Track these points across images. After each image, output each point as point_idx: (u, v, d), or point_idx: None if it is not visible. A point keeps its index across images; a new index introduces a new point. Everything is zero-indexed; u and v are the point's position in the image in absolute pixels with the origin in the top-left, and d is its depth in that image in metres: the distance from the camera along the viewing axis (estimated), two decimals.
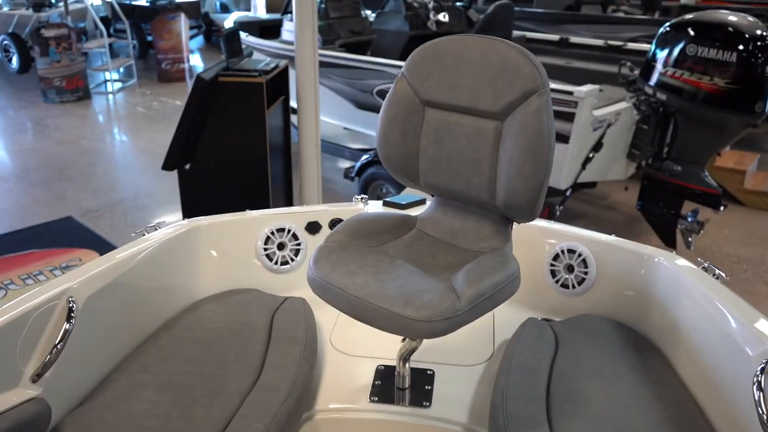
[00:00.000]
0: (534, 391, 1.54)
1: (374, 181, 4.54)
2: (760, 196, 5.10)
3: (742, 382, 1.40)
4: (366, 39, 5.35)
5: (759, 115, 3.57)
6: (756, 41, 3.50)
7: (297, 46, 3.62)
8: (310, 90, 3.66)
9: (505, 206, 1.50)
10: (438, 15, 5.67)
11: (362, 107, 4.75)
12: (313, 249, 2.15)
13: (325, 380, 1.74)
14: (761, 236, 4.66)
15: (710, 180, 3.94)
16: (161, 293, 1.85)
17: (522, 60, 1.43)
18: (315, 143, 3.78)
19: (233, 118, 3.55)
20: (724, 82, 3.55)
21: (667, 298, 1.76)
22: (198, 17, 11.10)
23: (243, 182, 3.70)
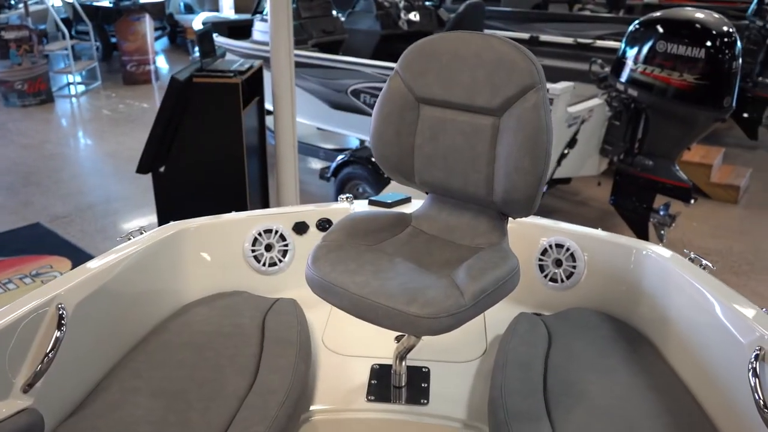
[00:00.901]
0: (531, 386, 1.56)
1: (351, 181, 4.52)
2: (726, 189, 5.23)
3: (735, 369, 1.43)
4: (338, 39, 5.33)
5: (727, 109, 3.66)
6: (723, 38, 3.58)
7: (272, 46, 3.59)
8: (287, 90, 3.64)
9: (504, 202, 1.50)
10: (409, 14, 5.68)
11: (337, 107, 4.74)
12: (300, 249, 2.13)
13: (321, 381, 1.73)
14: (728, 228, 4.78)
15: (681, 174, 4.02)
16: (149, 297, 1.82)
17: (518, 56, 1.44)
18: (292, 144, 3.75)
19: (208, 120, 3.50)
20: (693, 78, 3.63)
21: (656, 289, 1.79)
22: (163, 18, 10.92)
23: (219, 184, 3.65)
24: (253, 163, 3.91)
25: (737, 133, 6.80)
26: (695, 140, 3.96)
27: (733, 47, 3.59)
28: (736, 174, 5.40)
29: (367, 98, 4.50)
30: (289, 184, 3.85)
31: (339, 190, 4.62)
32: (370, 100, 4.49)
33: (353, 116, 4.65)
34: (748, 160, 6.21)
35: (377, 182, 4.30)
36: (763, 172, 5.90)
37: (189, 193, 3.67)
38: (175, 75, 3.35)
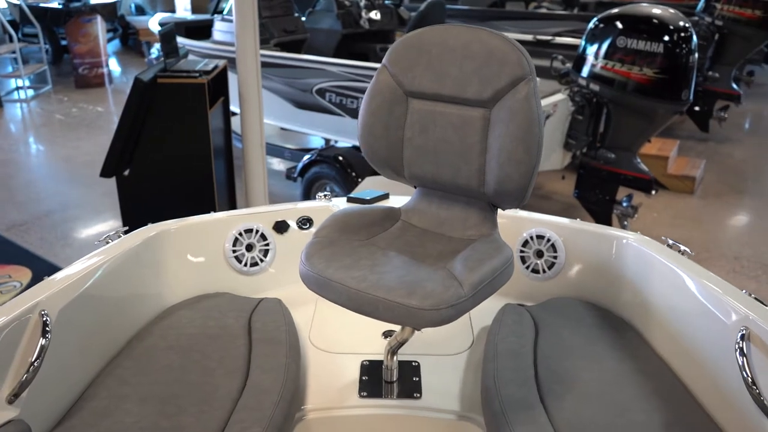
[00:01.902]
0: (523, 375, 1.58)
1: (318, 181, 4.50)
2: (683, 180, 5.39)
3: (721, 350, 1.47)
4: (300, 38, 5.29)
5: (685, 102, 3.78)
6: (680, 32, 3.69)
7: (238, 46, 3.54)
8: (253, 90, 3.60)
9: (496, 193, 1.52)
10: (370, 13, 5.68)
11: (301, 107, 4.71)
12: (282, 249, 2.11)
13: (311, 379, 1.72)
14: (686, 217, 4.93)
15: (642, 166, 4.13)
16: (131, 301, 1.77)
17: (508, 47, 1.45)
18: (260, 144, 3.71)
19: (174, 121, 3.43)
20: (653, 71, 3.74)
21: (637, 276, 1.83)
22: (114, 20, 10.66)
23: (186, 187, 3.58)
24: (220, 164, 3.86)
25: (690, 126, 7.02)
26: (655, 132, 4.07)
27: (690, 41, 3.71)
28: (691, 165, 5.58)
29: (332, 97, 4.49)
30: (257, 185, 3.81)
31: (306, 190, 4.59)
32: (335, 99, 4.48)
33: (318, 115, 4.62)
34: (700, 152, 6.41)
35: (345, 181, 4.29)
36: (715, 164, 6.11)
37: (155, 196, 3.59)
38: (139, 75, 3.27)
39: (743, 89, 6.70)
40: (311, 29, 5.53)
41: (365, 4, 5.66)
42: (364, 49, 5.68)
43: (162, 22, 5.87)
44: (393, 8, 5.91)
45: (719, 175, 5.81)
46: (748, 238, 4.56)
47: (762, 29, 6.04)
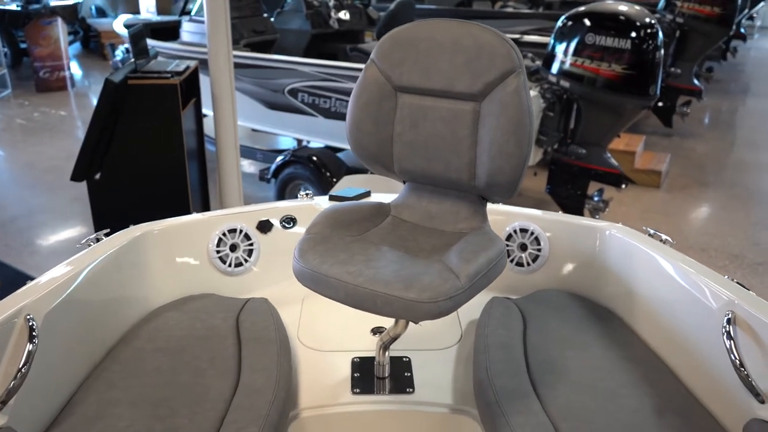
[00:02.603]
0: (515, 366, 1.59)
1: (292, 182, 4.48)
2: (649, 174, 5.51)
3: (707, 334, 1.51)
4: (270, 39, 5.26)
5: (652, 97, 3.86)
6: (646, 29, 3.78)
7: (210, 47, 3.50)
8: (227, 91, 3.56)
9: (487, 185, 1.53)
10: (339, 13, 5.67)
11: (273, 107, 4.67)
12: (266, 248, 2.09)
13: (303, 378, 1.71)
14: (654, 210, 5.04)
15: (612, 160, 4.21)
16: (116, 304, 1.74)
17: (497, 41, 1.47)
18: (234, 146, 3.67)
19: (146, 123, 3.38)
20: (621, 68, 3.81)
21: (621, 266, 1.87)
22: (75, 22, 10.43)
23: (160, 189, 3.53)
24: (193, 166, 3.81)
25: (654, 121, 7.18)
26: (624, 127, 4.15)
27: (656, 38, 3.79)
28: (657, 160, 5.70)
29: (304, 97, 4.47)
30: (232, 187, 3.77)
31: (280, 191, 4.56)
32: (308, 99, 4.46)
33: (291, 116, 4.60)
34: (665, 147, 6.56)
35: (320, 181, 4.28)
36: (679, 158, 6.26)
37: (127, 200, 3.53)
38: (110, 77, 3.22)
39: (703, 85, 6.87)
40: (280, 30, 5.50)
41: (334, 4, 5.65)
42: (333, 49, 5.67)
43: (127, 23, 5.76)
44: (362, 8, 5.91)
45: (684, 169, 5.96)
46: (714, 229, 4.68)
47: (720, 26, 6.21)
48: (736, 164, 6.12)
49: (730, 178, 5.75)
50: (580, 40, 3.92)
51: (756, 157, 6.34)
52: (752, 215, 4.95)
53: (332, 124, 4.42)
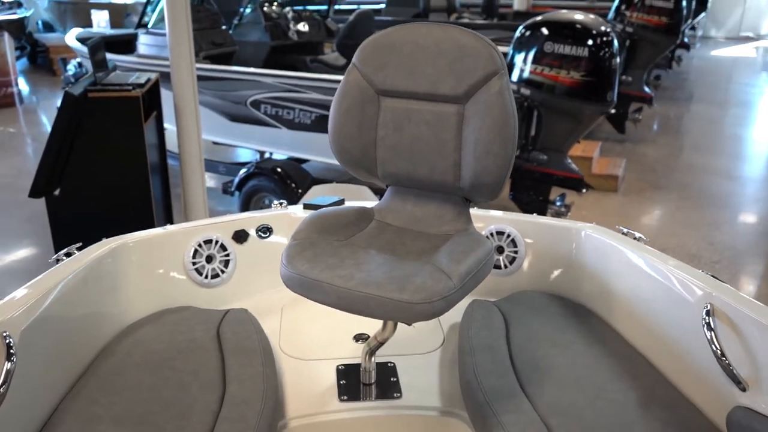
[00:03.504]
0: (501, 366, 1.61)
1: (257, 194, 4.43)
2: (606, 179, 5.65)
3: (686, 327, 1.55)
4: (229, 51, 5.21)
5: (610, 103, 3.97)
6: (602, 37, 3.89)
7: (172, 58, 3.45)
8: (190, 103, 3.51)
9: (472, 186, 1.54)
10: (297, 25, 5.66)
11: (236, 119, 4.63)
12: (243, 258, 2.06)
13: (288, 388, 1.69)
14: (613, 214, 5.16)
15: (573, 166, 4.30)
16: (91, 319, 1.69)
17: (479, 43, 1.49)
18: (198, 158, 3.62)
19: (107, 136, 3.30)
20: (580, 75, 3.91)
21: (598, 265, 1.91)
22: (22, 37, 10.14)
23: (122, 204, 3.45)
24: (156, 180, 3.74)
25: (607, 128, 7.37)
26: (584, 133, 4.25)
27: (612, 45, 3.91)
28: (613, 165, 5.85)
29: (267, 109, 4.44)
30: (196, 201, 3.71)
31: (244, 204, 4.51)
32: (271, 111, 4.43)
33: (254, 128, 4.56)
34: (620, 152, 6.74)
35: (285, 193, 4.24)
36: (633, 163, 6.44)
37: (88, 216, 3.43)
38: (69, 90, 3.14)
39: (652, 92, 7.10)
40: (239, 42, 5.46)
41: (293, 16, 5.64)
42: (293, 60, 5.66)
43: (80, 36, 5.64)
44: (320, 20, 5.92)
45: (638, 173, 6.13)
46: (671, 230, 4.83)
47: (668, 35, 6.43)
48: (686, 168, 6.33)
49: (681, 180, 5.94)
50: (539, 49, 4.01)
51: (703, 160, 6.57)
52: (705, 216, 5.12)
53: (296, 136, 4.40)
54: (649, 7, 6.28)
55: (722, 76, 11.38)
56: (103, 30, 6.40)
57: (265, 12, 5.52)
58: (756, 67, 12.35)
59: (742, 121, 8.16)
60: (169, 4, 3.35)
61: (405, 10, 7.96)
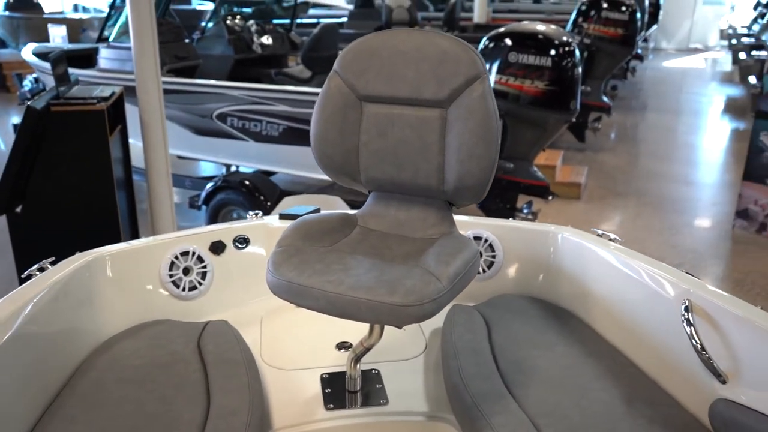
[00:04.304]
0: (487, 368, 1.62)
1: (224, 208, 4.39)
2: (570, 187, 5.76)
3: (665, 324, 1.59)
4: (193, 64, 5.16)
5: (574, 111, 4.06)
6: (564, 47, 3.98)
7: (138, 72, 3.41)
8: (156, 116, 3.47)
9: (456, 190, 1.56)
10: (261, 38, 5.65)
11: (201, 133, 4.58)
12: (220, 270, 2.04)
13: (273, 398, 1.67)
14: (578, 220, 5.26)
15: (539, 173, 4.37)
16: (67, 335, 1.64)
17: (460, 48, 1.51)
18: (166, 171, 3.57)
19: (72, 151, 3.23)
20: (543, 84, 3.99)
21: (575, 267, 1.94)
22: None
23: (88, 220, 3.37)
24: (122, 196, 3.66)
25: (568, 137, 7.53)
26: (549, 141, 4.33)
27: (573, 55, 4.00)
28: (575, 173, 5.97)
29: (234, 121, 4.40)
30: (164, 215, 3.65)
31: (212, 218, 4.45)
32: (238, 124, 4.40)
33: (220, 141, 4.52)
34: (581, 160, 6.89)
35: (253, 206, 4.21)
36: (594, 170, 6.58)
37: (53, 233, 3.34)
38: (31, 104, 3.06)
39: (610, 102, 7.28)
40: (203, 55, 5.41)
41: (256, 29, 5.62)
42: (257, 74, 5.63)
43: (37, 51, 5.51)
44: (284, 33, 5.91)
45: (599, 181, 6.26)
46: (634, 235, 4.94)
47: (624, 46, 6.62)
48: (644, 174, 6.50)
49: (641, 187, 6.10)
50: (503, 59, 4.08)
51: (660, 167, 6.76)
52: (665, 221, 5.26)
53: (264, 148, 4.37)
54: (606, 19, 6.46)
55: (674, 86, 11.75)
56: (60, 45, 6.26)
57: (228, 25, 5.49)
58: (705, 77, 12.79)
59: (694, 129, 8.43)
60: (134, 17, 3.31)
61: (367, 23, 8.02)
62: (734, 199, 5.63)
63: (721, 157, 7.16)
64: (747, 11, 16.23)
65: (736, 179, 6.25)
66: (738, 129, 8.45)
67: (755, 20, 13.49)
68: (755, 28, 12.90)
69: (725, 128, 8.50)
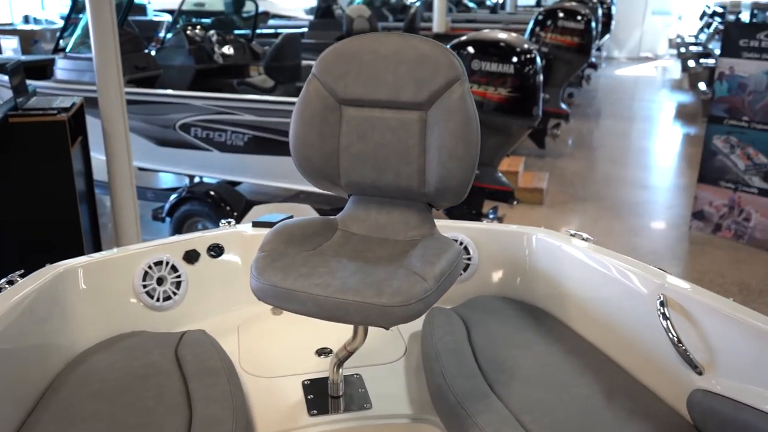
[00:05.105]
0: (469, 369, 1.63)
1: (189, 219, 4.32)
2: (533, 192, 5.85)
3: (641, 319, 1.63)
4: (153, 74, 5.08)
5: (536, 117, 4.14)
6: (525, 54, 4.05)
7: (99, 82, 3.34)
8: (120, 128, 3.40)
9: (437, 191, 1.57)
10: (222, 48, 5.60)
11: (164, 144, 4.51)
12: (195, 279, 2.01)
13: (255, 407, 1.64)
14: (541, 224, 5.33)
15: (504, 179, 4.44)
16: (39, 350, 1.59)
17: (439, 51, 1.53)
18: (130, 183, 3.50)
19: (31, 164, 3.14)
20: (506, 91, 4.06)
21: (550, 267, 1.97)
22: None
23: (49, 235, 3.28)
24: (84, 209, 3.57)
25: (528, 143, 7.66)
26: (513, 147, 4.40)
27: (535, 63, 4.08)
28: (537, 178, 6.08)
29: (198, 132, 4.35)
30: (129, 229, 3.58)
31: (176, 230, 4.38)
32: (201, 134, 4.34)
33: (183, 152, 4.46)
34: (541, 167, 7.01)
35: (219, 217, 4.16)
36: (555, 176, 6.70)
37: (11, 249, 3.24)
38: None
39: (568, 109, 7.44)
40: (163, 66, 5.34)
41: (217, 39, 5.57)
42: (219, 84, 5.58)
43: None
44: (245, 43, 5.88)
45: (560, 186, 6.38)
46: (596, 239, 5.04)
47: (580, 54, 6.78)
48: (603, 179, 6.65)
49: (600, 192, 6.24)
50: (468, 67, 4.13)
51: (618, 172, 6.93)
52: (625, 224, 5.39)
53: (228, 158, 4.33)
54: (562, 28, 6.61)
55: (627, 93, 12.08)
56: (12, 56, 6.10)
57: (188, 35, 5.43)
58: (656, 84, 13.19)
59: (647, 135, 8.67)
60: (96, 27, 3.25)
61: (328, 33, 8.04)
62: (689, 201, 5.81)
63: (674, 162, 7.38)
64: (694, 21, 16.84)
65: (690, 182, 6.45)
66: (689, 134, 8.73)
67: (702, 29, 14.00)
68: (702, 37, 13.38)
69: (677, 133, 8.78)
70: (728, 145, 4.92)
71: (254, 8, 6.45)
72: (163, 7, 12.29)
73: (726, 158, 4.94)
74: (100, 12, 3.23)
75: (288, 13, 12.53)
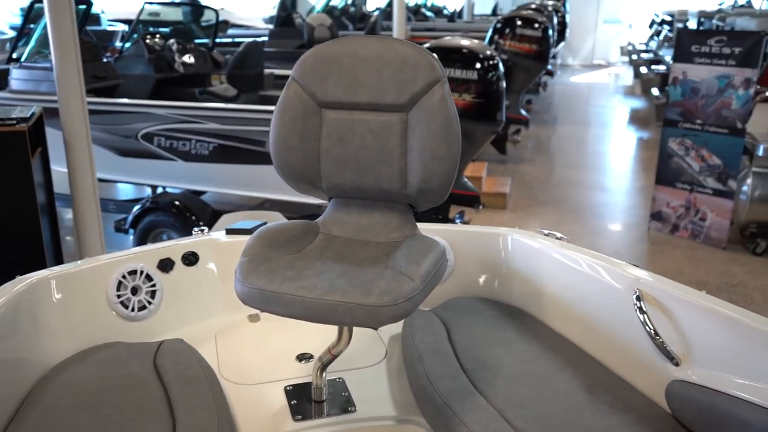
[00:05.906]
0: (452, 368, 1.65)
1: (153, 230, 4.24)
2: (496, 197, 5.93)
3: (617, 314, 1.67)
4: (112, 84, 4.99)
5: (500, 123, 4.20)
6: (488, 60, 4.12)
7: (60, 92, 3.27)
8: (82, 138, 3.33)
9: (419, 192, 1.58)
10: (183, 57, 5.54)
11: (126, 154, 4.43)
12: (170, 287, 1.98)
13: (238, 414, 1.63)
14: None
15: (470, 184, 4.49)
16: (11, 365, 1.54)
17: (419, 53, 1.55)
18: (93, 195, 3.42)
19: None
20: (471, 97, 4.11)
21: (526, 267, 2.01)
22: None
23: (8, 249, 3.18)
24: (45, 222, 3.48)
25: (490, 149, 7.77)
26: (477, 152, 4.46)
27: (497, 69, 4.15)
28: (500, 183, 6.17)
29: (161, 141, 4.28)
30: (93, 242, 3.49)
31: (140, 241, 4.30)
32: (165, 143, 4.28)
33: (146, 162, 4.38)
34: (503, 172, 7.12)
35: (185, 227, 4.10)
36: (517, 181, 6.81)
37: None
38: None
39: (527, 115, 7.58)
40: (123, 75, 5.25)
41: (177, 48, 5.51)
42: (180, 93, 5.51)
43: None
44: (206, 51, 5.82)
45: (522, 191, 6.49)
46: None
47: (538, 61, 6.91)
48: (562, 183, 6.79)
49: (560, 195, 6.36)
50: None
51: (576, 175, 7.08)
52: (586, 225, 5.51)
53: (193, 167, 4.28)
54: (521, 35, 6.74)
55: (582, 99, 12.37)
56: None
57: (147, 44, 5.35)
58: (609, 91, 13.53)
59: (604, 140, 8.89)
60: (55, 35, 3.18)
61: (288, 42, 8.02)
62: (647, 203, 5.97)
63: (630, 165, 7.57)
64: (644, 29, 17.36)
65: (646, 184, 6.64)
66: (643, 138, 8.98)
67: (651, 37, 14.44)
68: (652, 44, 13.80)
69: (632, 138, 9.02)
70: (683, 147, 5.08)
71: (214, 17, 6.39)
72: (118, 17, 12.09)
73: (681, 160, 5.10)
74: (60, 20, 3.16)
75: (246, 22, 12.46)
